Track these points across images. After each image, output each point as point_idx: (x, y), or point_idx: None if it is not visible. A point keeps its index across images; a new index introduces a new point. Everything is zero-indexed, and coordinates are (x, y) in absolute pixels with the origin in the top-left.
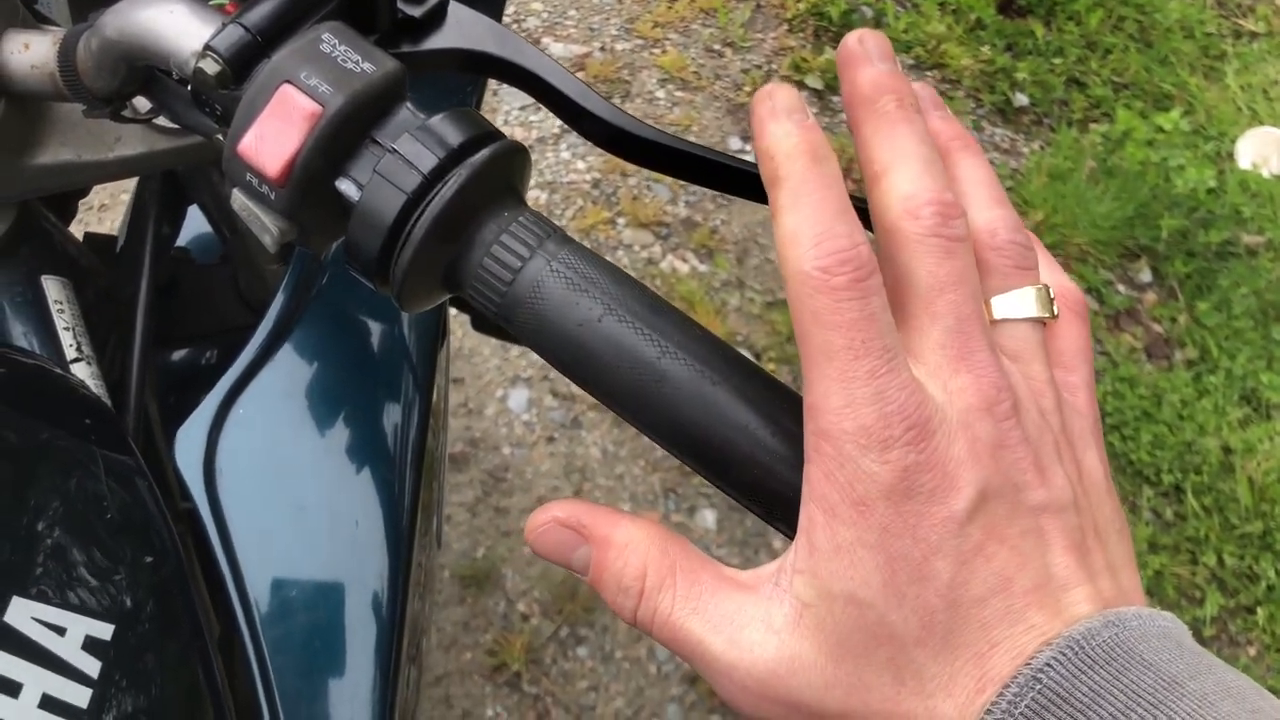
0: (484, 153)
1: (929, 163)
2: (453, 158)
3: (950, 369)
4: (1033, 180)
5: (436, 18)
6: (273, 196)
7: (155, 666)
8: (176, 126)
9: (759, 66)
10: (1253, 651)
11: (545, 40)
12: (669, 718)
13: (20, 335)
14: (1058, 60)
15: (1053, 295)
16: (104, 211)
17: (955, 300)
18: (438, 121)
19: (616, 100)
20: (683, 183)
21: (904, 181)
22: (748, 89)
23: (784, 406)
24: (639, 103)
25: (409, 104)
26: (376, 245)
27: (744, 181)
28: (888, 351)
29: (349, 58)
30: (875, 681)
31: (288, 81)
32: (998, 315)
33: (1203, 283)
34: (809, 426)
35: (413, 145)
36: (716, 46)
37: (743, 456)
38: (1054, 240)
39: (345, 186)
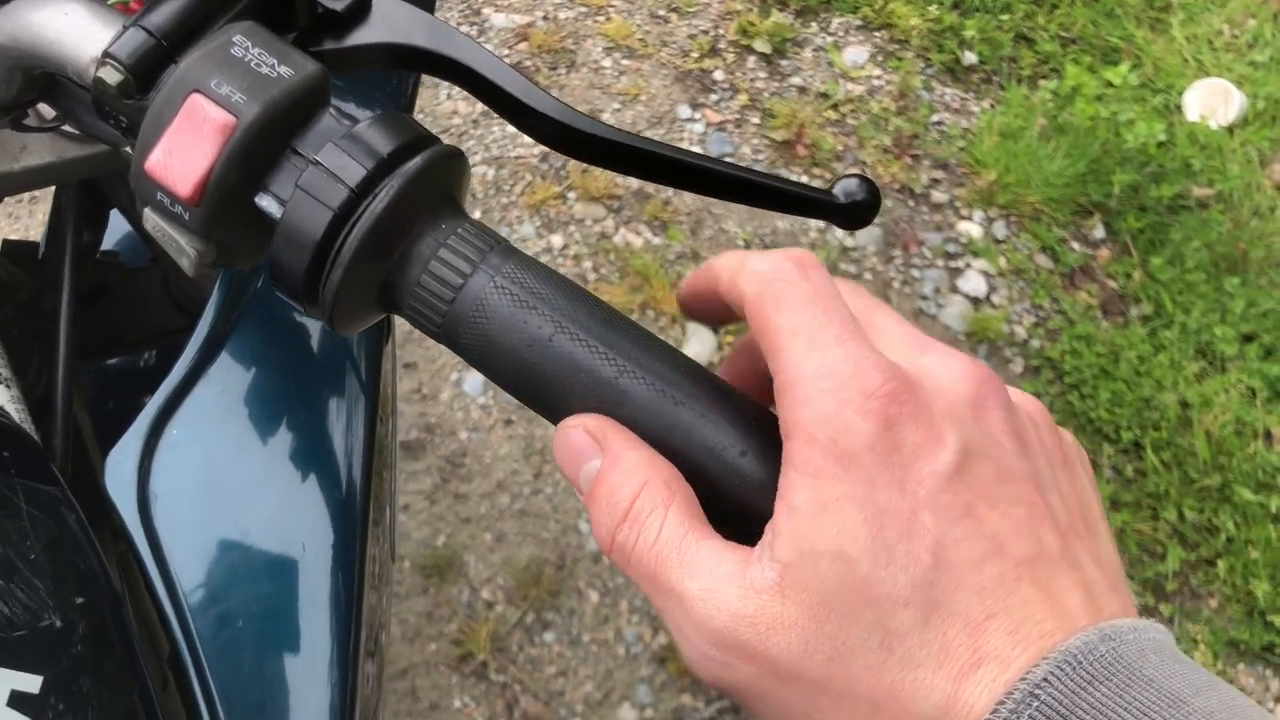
0: (416, 160)
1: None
2: (382, 167)
3: (917, 350)
4: (984, 140)
5: (361, 11)
6: (187, 216)
7: (89, 709)
8: (81, 134)
9: (705, 32)
10: (1214, 604)
11: (486, 11)
12: (639, 699)
13: None
14: (1005, 17)
15: None
16: (35, 204)
17: (883, 307)
18: (364, 128)
19: (562, 70)
20: None
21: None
22: (694, 54)
23: (754, 424)
24: (584, 72)
25: (332, 110)
26: (303, 266)
27: (695, 176)
28: (851, 322)
29: (264, 61)
30: (860, 645)
31: (197, 90)
32: None
33: (1155, 237)
34: (783, 404)
35: (337, 156)
36: (661, 12)
37: (712, 481)
38: (1008, 199)
39: (266, 203)
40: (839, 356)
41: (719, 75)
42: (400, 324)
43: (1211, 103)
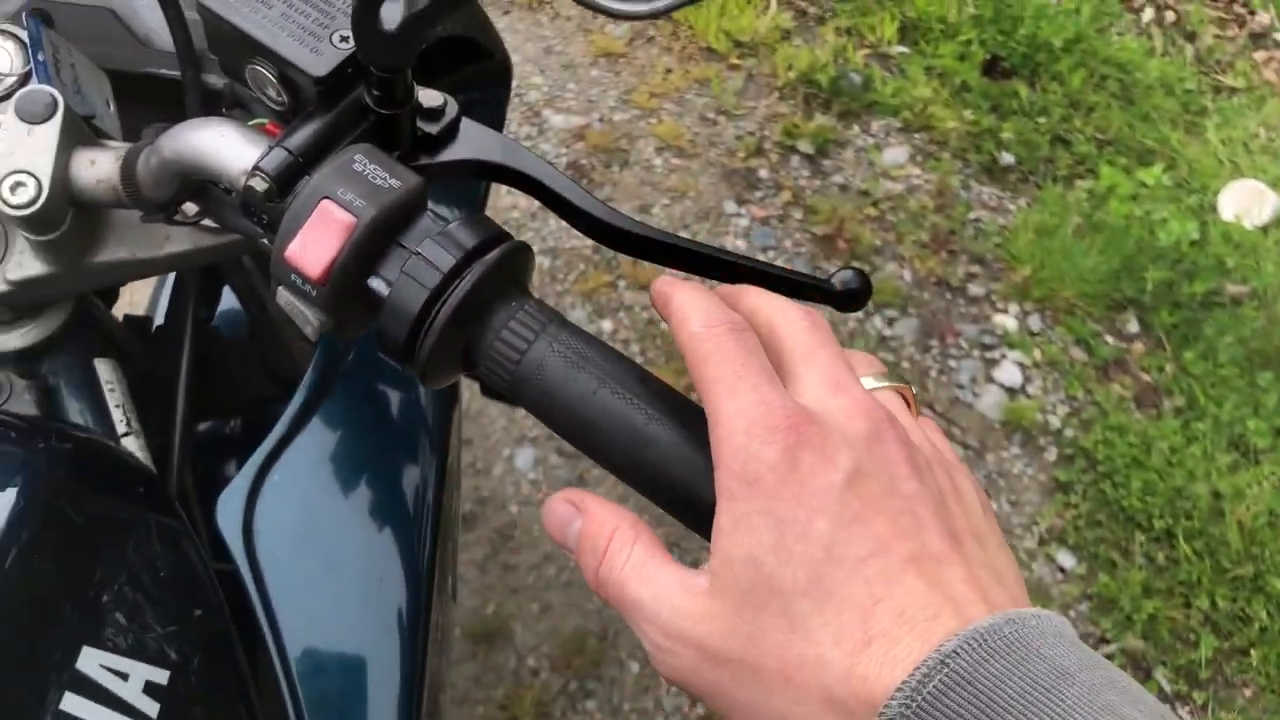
0: (494, 253)
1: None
2: (468, 258)
3: (829, 393)
4: (1020, 236)
5: (450, 134)
6: (314, 294)
7: (206, 709)
8: (220, 227)
9: (752, 133)
10: (1249, 693)
11: (545, 112)
12: None
13: (77, 413)
14: (1042, 119)
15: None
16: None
17: (826, 355)
18: (455, 227)
19: (615, 168)
20: None
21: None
22: (741, 154)
23: None
24: (637, 170)
25: (430, 212)
26: (404, 333)
27: (714, 264)
28: (765, 372)
29: (378, 175)
30: (769, 628)
31: (327, 197)
32: (866, 386)
33: (1189, 332)
34: (713, 442)
35: (434, 248)
36: (710, 114)
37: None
38: (1043, 294)
39: (376, 284)
40: (751, 400)
41: (764, 173)
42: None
43: (1246, 203)
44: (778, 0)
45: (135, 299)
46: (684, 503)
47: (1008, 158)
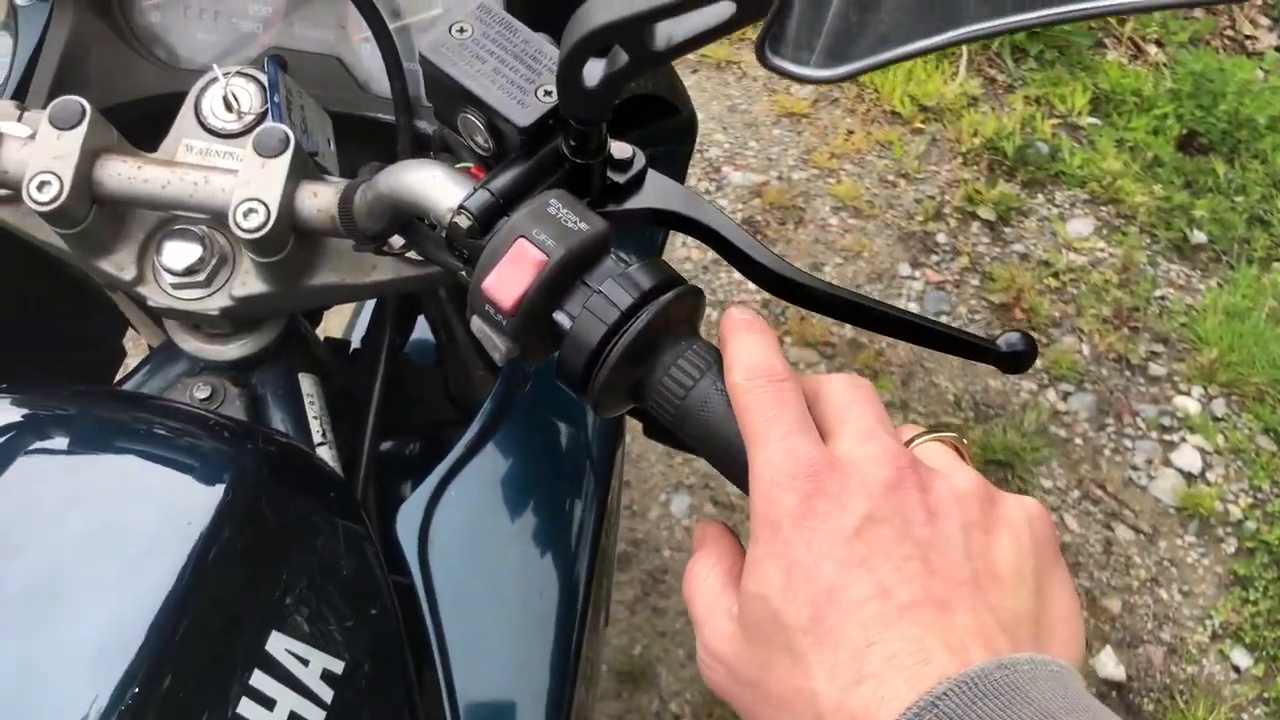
0: (668, 295)
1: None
2: (644, 298)
3: (859, 443)
4: (1208, 317)
5: (637, 183)
6: (504, 324)
7: (371, 699)
8: (419, 258)
9: (932, 197)
10: None
11: (725, 169)
12: None
13: (280, 421)
14: (1240, 198)
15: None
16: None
17: (862, 409)
18: (634, 270)
19: (790, 225)
20: None
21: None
22: (919, 217)
23: None
24: (811, 229)
25: (613, 254)
26: (582, 363)
27: (884, 321)
28: (798, 422)
29: (569, 218)
30: (775, 661)
31: (523, 236)
32: (906, 437)
33: None
34: (750, 488)
35: (615, 288)
36: (891, 177)
37: None
38: (1230, 378)
39: (560, 318)
40: (780, 450)
41: (941, 238)
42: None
43: None
44: (966, 67)
45: (330, 324)
46: None
47: (1199, 236)
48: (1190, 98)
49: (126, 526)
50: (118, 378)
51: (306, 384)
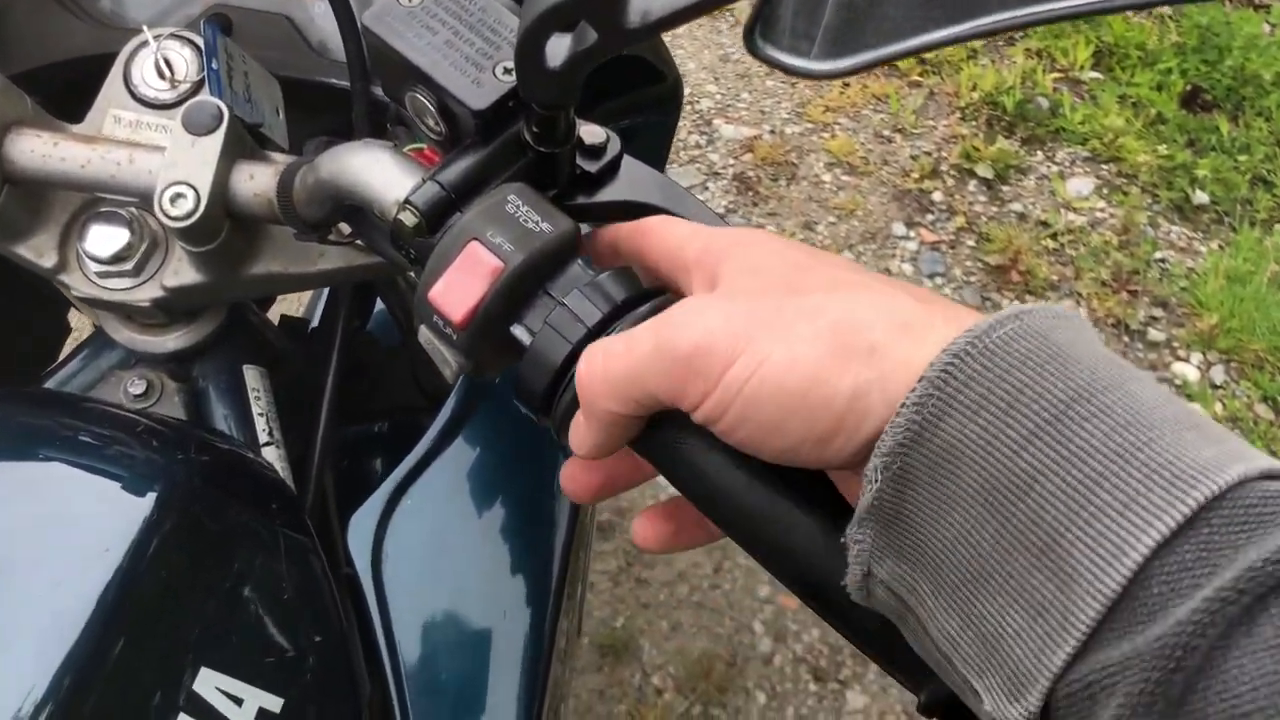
0: (644, 309)
1: None
2: (614, 313)
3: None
4: (1209, 281)
5: (610, 171)
6: (455, 337)
7: None
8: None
9: (929, 153)
10: None
11: (717, 121)
12: None
13: (221, 419)
14: (1243, 158)
15: None
16: None
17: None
18: (605, 279)
19: (782, 182)
20: None
21: None
22: (915, 175)
23: None
24: (804, 185)
25: (580, 259)
26: (542, 386)
27: None
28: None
29: (530, 218)
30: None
31: (475, 239)
32: None
33: None
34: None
35: (581, 301)
36: (886, 132)
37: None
38: (1229, 345)
39: (518, 332)
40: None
41: (937, 196)
42: None
43: None
44: None
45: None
46: (813, 589)
47: (1202, 196)
48: (1195, 52)
49: (34, 554)
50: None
51: (251, 377)
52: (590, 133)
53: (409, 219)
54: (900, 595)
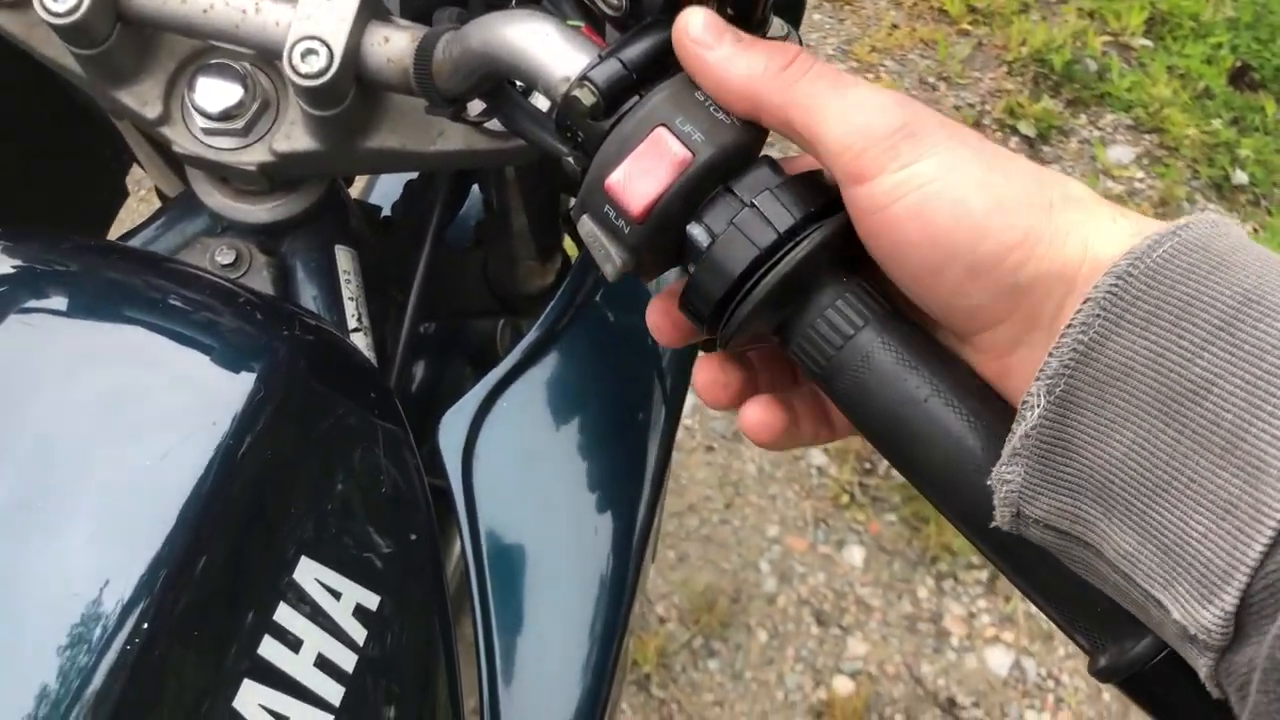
0: (836, 218)
1: None
2: (806, 220)
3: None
4: None
5: None
6: (627, 231)
7: (407, 641)
8: (497, 130)
9: (972, 105)
10: None
11: None
12: None
13: (311, 299)
14: None
15: None
16: None
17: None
18: (796, 182)
19: None
20: None
21: None
22: None
23: None
24: None
25: (768, 162)
26: (719, 294)
27: None
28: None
29: (719, 109)
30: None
31: (663, 124)
32: None
33: None
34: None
35: (772, 203)
36: (931, 79)
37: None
38: None
39: (696, 232)
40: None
41: None
42: None
43: None
44: None
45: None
46: (1004, 540)
47: (1241, 176)
48: (1248, 28)
49: (137, 418)
50: (114, 229)
51: (344, 259)
52: (775, 25)
53: (586, 97)
54: (1061, 528)
